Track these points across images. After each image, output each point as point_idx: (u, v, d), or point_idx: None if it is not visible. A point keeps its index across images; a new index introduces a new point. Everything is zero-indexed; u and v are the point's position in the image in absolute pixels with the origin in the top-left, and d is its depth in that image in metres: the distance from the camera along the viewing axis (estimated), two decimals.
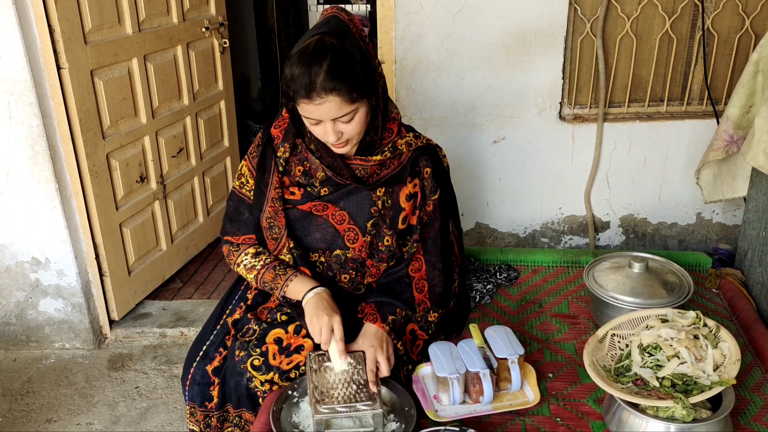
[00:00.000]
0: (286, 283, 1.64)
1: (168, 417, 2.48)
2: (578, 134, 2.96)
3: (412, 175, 1.64)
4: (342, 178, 1.59)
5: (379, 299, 1.67)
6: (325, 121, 1.45)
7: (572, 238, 3.18)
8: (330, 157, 1.59)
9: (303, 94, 1.41)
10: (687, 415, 1.33)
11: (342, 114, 1.44)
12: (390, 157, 1.62)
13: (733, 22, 2.79)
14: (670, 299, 1.71)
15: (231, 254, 1.74)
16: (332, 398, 1.47)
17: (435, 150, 1.69)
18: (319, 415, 1.43)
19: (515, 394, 1.58)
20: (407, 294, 1.69)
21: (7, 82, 2.42)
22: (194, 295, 3.20)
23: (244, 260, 1.71)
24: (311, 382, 1.50)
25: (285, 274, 1.65)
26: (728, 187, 2.52)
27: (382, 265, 1.69)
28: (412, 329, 1.70)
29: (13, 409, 2.54)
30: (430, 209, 1.67)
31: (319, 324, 1.54)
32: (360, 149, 1.60)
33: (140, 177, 2.96)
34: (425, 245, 1.69)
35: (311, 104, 1.42)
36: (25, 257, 2.72)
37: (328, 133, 1.47)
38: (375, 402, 1.46)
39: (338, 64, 1.40)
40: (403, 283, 1.70)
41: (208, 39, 3.34)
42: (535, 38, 2.81)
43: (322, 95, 1.40)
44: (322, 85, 1.39)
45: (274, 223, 1.66)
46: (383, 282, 1.72)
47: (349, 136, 1.50)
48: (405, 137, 1.63)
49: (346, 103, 1.43)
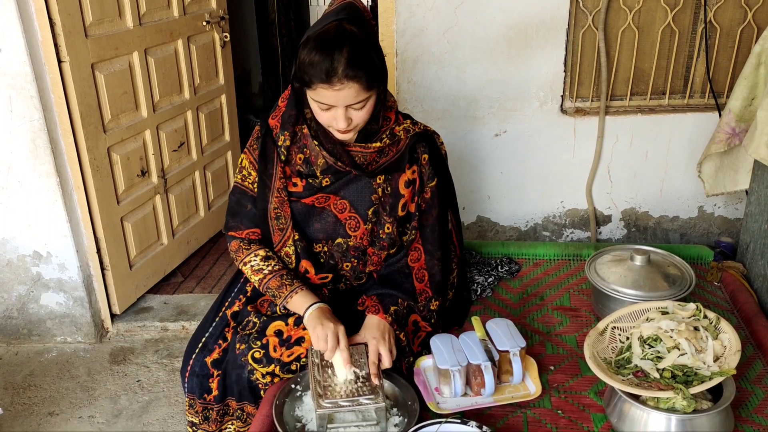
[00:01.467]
0: (291, 295, 1.63)
1: (170, 410, 2.48)
2: (580, 127, 2.95)
3: (411, 162, 1.66)
4: (342, 164, 1.59)
5: (380, 291, 1.68)
6: (339, 107, 1.46)
7: (574, 231, 3.18)
8: (330, 144, 1.59)
9: (323, 78, 1.41)
10: (688, 406, 1.33)
11: (357, 101, 1.46)
12: (388, 144, 1.62)
13: (736, 15, 2.78)
14: (672, 292, 1.71)
15: (240, 251, 1.72)
16: (335, 392, 1.47)
17: (432, 137, 1.71)
18: (321, 410, 1.43)
19: (517, 387, 1.58)
20: (408, 284, 1.69)
21: (8, 75, 2.42)
22: (195, 289, 3.20)
23: (252, 261, 1.69)
24: (313, 377, 1.50)
25: (291, 285, 1.64)
26: (730, 180, 2.52)
27: (383, 252, 1.70)
28: (414, 320, 1.70)
29: (15, 403, 2.54)
30: (428, 196, 1.68)
31: (324, 331, 1.52)
32: (359, 137, 1.61)
33: (141, 171, 2.96)
34: (423, 233, 1.70)
35: (330, 89, 1.43)
36: (26, 251, 2.72)
37: (339, 119, 1.48)
38: (378, 396, 1.45)
39: (359, 51, 1.42)
40: (403, 273, 1.70)
41: (208, 33, 3.34)
42: (536, 31, 2.80)
43: (343, 81, 1.41)
44: (345, 72, 1.40)
45: (280, 213, 1.66)
46: (383, 273, 1.72)
47: (357, 123, 1.52)
48: (402, 124, 1.64)
49: (363, 91, 1.45)
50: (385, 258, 1.72)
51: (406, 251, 1.71)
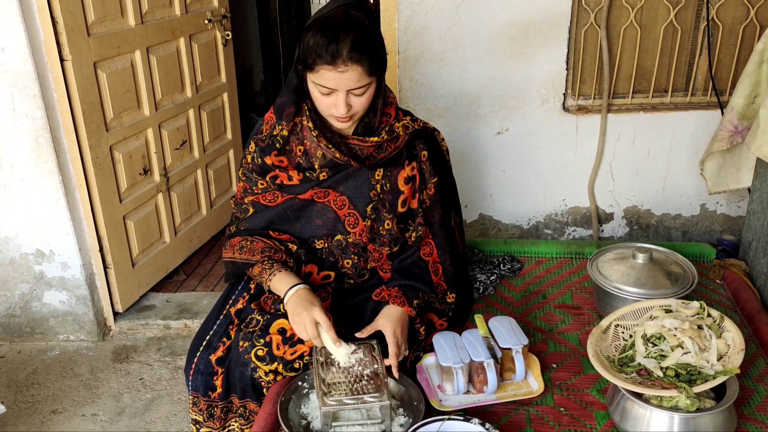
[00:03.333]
0: (270, 278, 1.62)
1: (172, 408, 2.49)
2: (582, 125, 2.95)
3: (410, 159, 1.66)
4: (341, 154, 1.60)
5: (402, 283, 1.67)
6: (340, 91, 1.48)
7: (576, 229, 3.18)
8: (329, 133, 1.60)
9: (328, 59, 1.43)
10: (691, 405, 1.33)
11: (359, 86, 1.48)
12: (387, 140, 1.63)
13: (738, 12, 2.78)
14: (674, 290, 1.71)
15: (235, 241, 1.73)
16: (339, 390, 1.47)
17: (432, 134, 1.72)
18: (326, 408, 1.43)
19: (519, 384, 1.59)
20: (427, 277, 1.71)
21: (10, 74, 2.42)
22: (198, 287, 3.20)
23: (243, 244, 1.70)
24: (318, 375, 1.50)
25: (271, 269, 1.63)
26: (732, 177, 2.51)
27: (384, 249, 1.70)
28: (429, 318, 1.71)
29: (18, 401, 2.55)
30: (432, 192, 1.70)
31: (301, 321, 1.52)
32: (358, 130, 1.61)
33: (143, 169, 2.96)
34: (432, 229, 1.72)
35: (334, 71, 1.44)
36: (29, 249, 2.73)
37: (339, 104, 1.49)
38: (382, 394, 1.45)
39: (363, 36, 1.45)
40: (420, 266, 1.71)
41: (210, 31, 3.34)
42: (538, 29, 2.80)
43: (347, 63, 1.43)
44: (349, 54, 1.42)
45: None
46: (400, 267, 1.72)
47: (356, 110, 1.53)
48: (402, 120, 1.65)
49: (366, 75, 1.47)
50: (397, 251, 1.72)
51: (418, 246, 1.72)
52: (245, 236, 1.72)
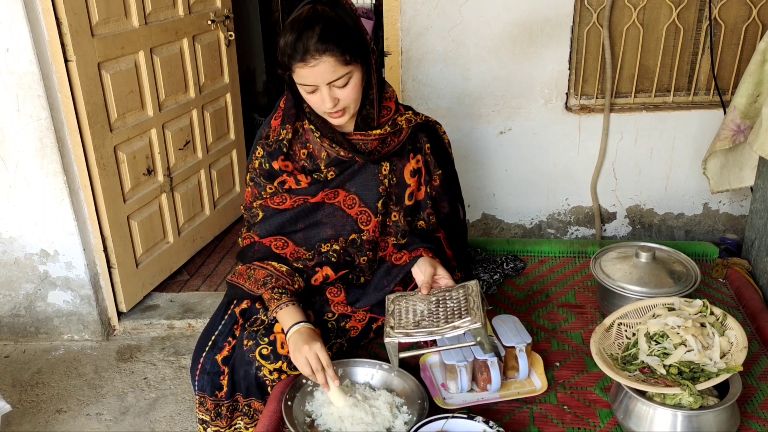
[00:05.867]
0: (276, 310, 1.61)
1: (176, 407, 2.50)
2: (585, 125, 2.95)
3: (414, 152, 1.68)
4: (344, 151, 1.60)
5: (426, 245, 1.68)
6: (321, 85, 1.48)
7: (579, 229, 3.18)
8: (330, 132, 1.61)
9: (298, 57, 1.44)
10: (694, 402, 1.34)
11: (336, 77, 1.47)
12: (390, 133, 1.63)
13: (740, 12, 2.78)
14: (677, 288, 1.71)
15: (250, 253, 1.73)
16: (410, 326, 1.45)
17: (434, 127, 1.73)
18: (390, 339, 1.41)
19: (522, 383, 1.59)
20: (441, 244, 1.74)
21: (15, 75, 2.44)
22: (201, 287, 3.21)
23: (249, 273, 1.70)
24: (390, 318, 1.49)
25: (279, 300, 1.62)
26: (735, 176, 2.52)
27: (390, 238, 1.72)
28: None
29: (23, 400, 2.56)
30: (437, 183, 1.72)
31: (303, 356, 1.51)
32: (358, 125, 1.62)
33: (147, 170, 2.97)
34: (439, 219, 1.75)
35: (306, 67, 1.45)
36: (33, 249, 2.74)
37: (325, 99, 1.49)
38: (474, 316, 1.40)
39: (330, 27, 1.44)
40: (434, 237, 1.74)
41: (213, 32, 3.35)
42: (541, 29, 2.80)
43: (315, 56, 1.43)
44: (315, 46, 1.43)
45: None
46: (420, 233, 1.73)
47: (345, 103, 1.52)
48: (404, 114, 1.66)
49: (340, 65, 1.46)
50: (405, 243, 1.73)
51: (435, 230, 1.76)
52: (250, 265, 1.70)
